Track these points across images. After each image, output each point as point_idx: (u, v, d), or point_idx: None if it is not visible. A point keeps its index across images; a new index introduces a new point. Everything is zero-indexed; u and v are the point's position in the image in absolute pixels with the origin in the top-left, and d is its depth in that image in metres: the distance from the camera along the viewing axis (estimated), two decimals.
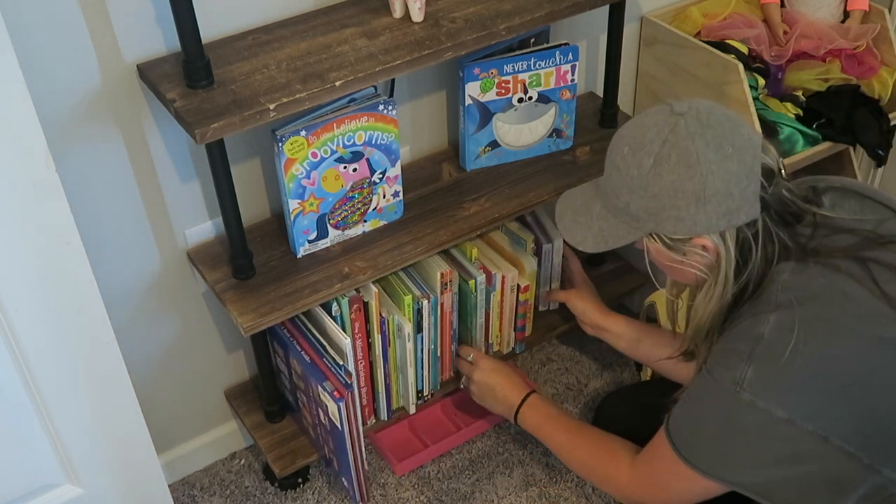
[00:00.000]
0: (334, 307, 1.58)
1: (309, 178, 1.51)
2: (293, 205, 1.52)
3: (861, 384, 1.16)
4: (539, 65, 1.66)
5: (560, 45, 1.67)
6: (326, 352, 1.59)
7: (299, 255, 1.58)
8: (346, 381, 1.56)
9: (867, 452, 1.17)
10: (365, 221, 1.62)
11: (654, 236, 1.25)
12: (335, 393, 1.56)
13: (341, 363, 1.57)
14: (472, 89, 1.64)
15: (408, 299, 1.65)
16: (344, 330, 1.59)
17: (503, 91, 1.67)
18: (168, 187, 1.53)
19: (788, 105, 1.89)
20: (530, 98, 1.70)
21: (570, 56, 1.67)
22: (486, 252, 1.80)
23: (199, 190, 1.57)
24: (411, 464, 1.86)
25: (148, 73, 1.37)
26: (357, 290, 1.59)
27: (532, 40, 1.68)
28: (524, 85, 1.67)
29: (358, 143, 1.52)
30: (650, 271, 1.32)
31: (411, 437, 1.91)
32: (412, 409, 1.80)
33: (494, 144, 1.73)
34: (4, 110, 1.07)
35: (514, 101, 1.69)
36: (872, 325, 1.17)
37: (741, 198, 1.19)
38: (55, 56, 1.31)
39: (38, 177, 1.13)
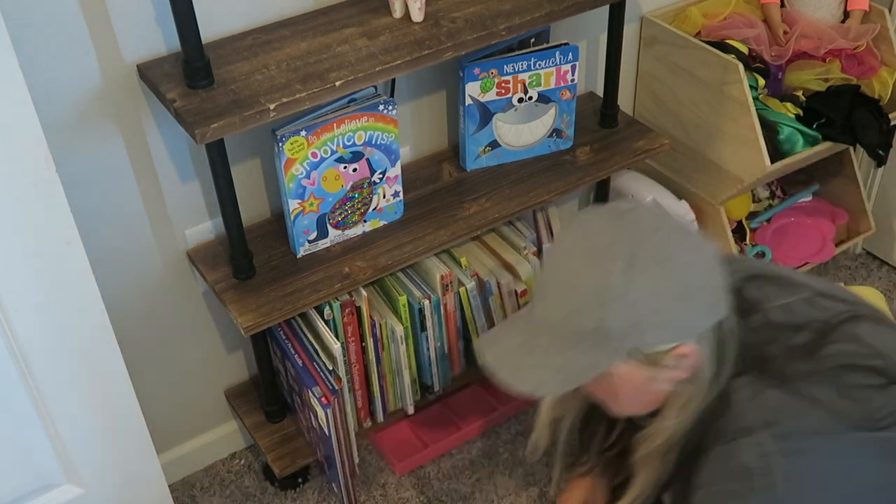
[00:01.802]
0: (326, 311, 1.58)
1: (309, 178, 1.51)
2: (293, 205, 1.52)
3: (855, 492, 1.11)
4: (539, 65, 1.66)
5: (560, 45, 1.67)
6: (318, 356, 1.59)
7: (299, 255, 1.58)
8: (335, 387, 1.56)
9: None
10: (365, 221, 1.62)
11: (630, 357, 1.09)
12: (322, 399, 1.56)
13: (331, 368, 1.57)
14: (472, 89, 1.64)
15: (402, 299, 1.65)
16: (336, 334, 1.59)
17: (503, 91, 1.67)
18: (168, 187, 1.53)
19: (788, 105, 1.89)
20: (530, 98, 1.70)
21: (570, 56, 1.67)
22: (479, 257, 1.81)
23: (199, 190, 1.57)
24: (411, 464, 1.86)
25: (148, 73, 1.37)
26: (350, 294, 1.59)
27: (532, 40, 1.68)
28: (524, 85, 1.67)
29: (358, 143, 1.52)
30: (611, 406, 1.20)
31: (411, 437, 1.91)
32: (410, 410, 1.80)
33: (494, 144, 1.73)
34: (4, 110, 1.07)
35: (515, 101, 1.69)
36: (844, 431, 1.10)
37: (716, 290, 1.09)
38: (55, 56, 1.31)
39: (38, 177, 1.13)
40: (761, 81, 1.87)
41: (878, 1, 2.00)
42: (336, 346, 1.55)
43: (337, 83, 1.35)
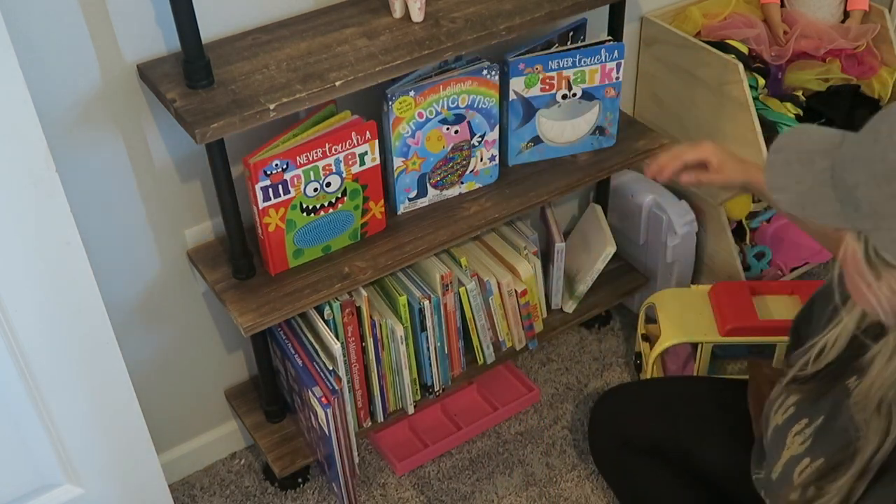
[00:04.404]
0: (326, 311, 1.58)
1: (414, 137, 1.56)
2: (397, 163, 1.58)
3: None
4: (584, 62, 1.66)
5: (605, 42, 1.66)
6: (318, 355, 1.59)
7: (399, 212, 1.64)
8: (335, 387, 1.56)
9: None
10: (462, 183, 1.68)
11: (861, 238, 0.98)
12: (322, 399, 1.56)
13: (331, 368, 1.57)
14: (517, 84, 1.64)
15: (402, 299, 1.65)
16: (336, 334, 1.59)
17: (547, 87, 1.67)
18: (168, 187, 1.53)
19: (788, 105, 1.89)
20: (574, 95, 1.69)
21: (616, 53, 1.67)
22: (480, 257, 1.81)
23: (199, 190, 1.57)
24: (411, 464, 1.86)
25: (148, 73, 1.37)
26: (350, 294, 1.59)
27: (570, 34, 1.69)
28: (568, 81, 1.67)
29: (461, 105, 1.57)
30: (836, 274, 1.09)
31: (411, 437, 1.91)
32: (411, 410, 1.80)
33: (537, 140, 1.73)
34: (5, 110, 1.07)
35: (558, 98, 1.69)
36: None
37: None
38: (55, 56, 1.31)
39: (38, 176, 1.13)
40: (761, 81, 1.87)
41: (878, 1, 2.01)
42: (336, 346, 1.55)
43: (337, 83, 1.35)
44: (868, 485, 1.08)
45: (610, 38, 1.70)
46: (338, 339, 1.58)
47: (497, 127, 1.65)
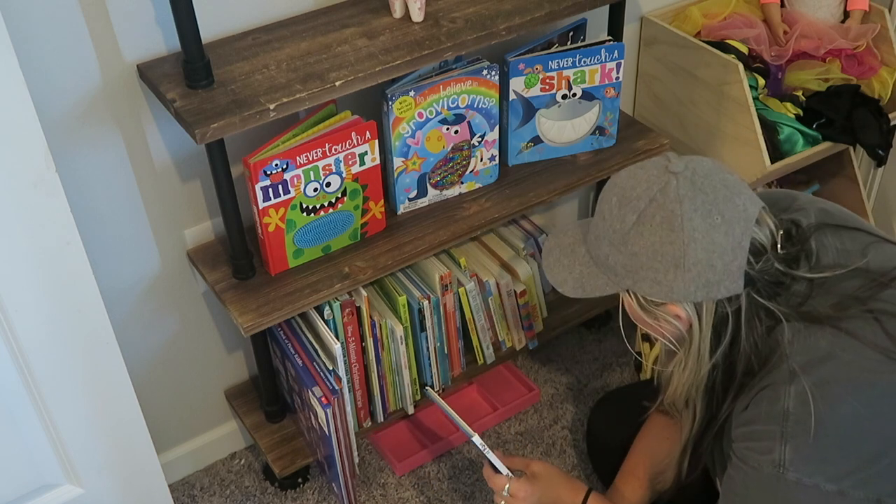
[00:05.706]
0: (326, 311, 1.58)
1: (414, 137, 1.56)
2: (397, 163, 1.58)
3: (893, 437, 1.13)
4: (584, 62, 1.66)
5: (605, 42, 1.67)
6: (318, 355, 1.59)
7: (399, 212, 1.64)
8: (335, 387, 1.56)
9: None
10: (462, 183, 1.68)
11: (630, 293, 1.21)
12: (322, 399, 1.56)
13: (331, 368, 1.57)
14: (517, 84, 1.65)
15: (402, 300, 1.65)
16: (336, 334, 1.59)
17: (547, 87, 1.67)
18: (168, 187, 1.54)
19: (788, 105, 1.89)
20: (574, 95, 1.69)
21: (616, 54, 1.67)
22: (478, 258, 1.81)
23: (199, 190, 1.57)
24: (411, 464, 1.86)
25: (148, 73, 1.37)
26: (350, 294, 1.59)
27: (570, 34, 1.70)
28: (568, 81, 1.67)
29: (461, 105, 1.58)
30: (621, 323, 1.29)
31: (411, 438, 1.91)
32: (410, 410, 1.80)
33: (537, 140, 1.73)
34: (4, 110, 1.07)
35: (558, 98, 1.69)
36: (888, 374, 1.13)
37: (723, 271, 1.13)
38: (55, 56, 1.31)
39: (38, 177, 1.13)
40: (761, 81, 1.87)
41: (878, 1, 2.01)
42: (336, 346, 1.55)
43: (337, 83, 1.35)
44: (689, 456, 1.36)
45: (610, 38, 1.70)
46: (338, 339, 1.58)
47: (497, 127, 1.65)
